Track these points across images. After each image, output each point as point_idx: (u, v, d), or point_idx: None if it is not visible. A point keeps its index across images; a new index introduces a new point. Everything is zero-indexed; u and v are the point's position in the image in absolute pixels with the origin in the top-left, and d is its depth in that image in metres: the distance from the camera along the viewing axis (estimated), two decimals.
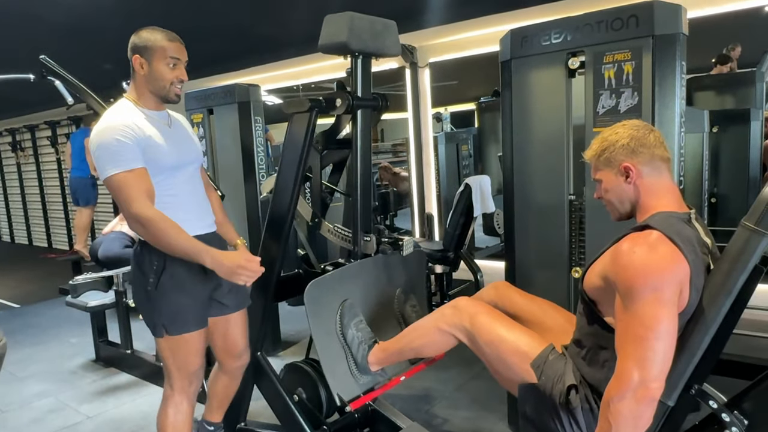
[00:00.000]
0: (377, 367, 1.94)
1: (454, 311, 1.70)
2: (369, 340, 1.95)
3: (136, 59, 1.72)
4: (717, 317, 1.30)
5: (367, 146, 2.12)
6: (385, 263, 2.17)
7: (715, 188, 4.25)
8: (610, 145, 1.47)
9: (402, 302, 2.19)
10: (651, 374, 1.24)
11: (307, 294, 1.89)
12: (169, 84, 1.74)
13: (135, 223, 1.64)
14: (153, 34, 1.72)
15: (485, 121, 6.28)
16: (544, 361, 1.54)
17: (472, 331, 1.63)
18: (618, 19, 1.89)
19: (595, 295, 1.48)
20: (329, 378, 1.92)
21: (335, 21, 1.90)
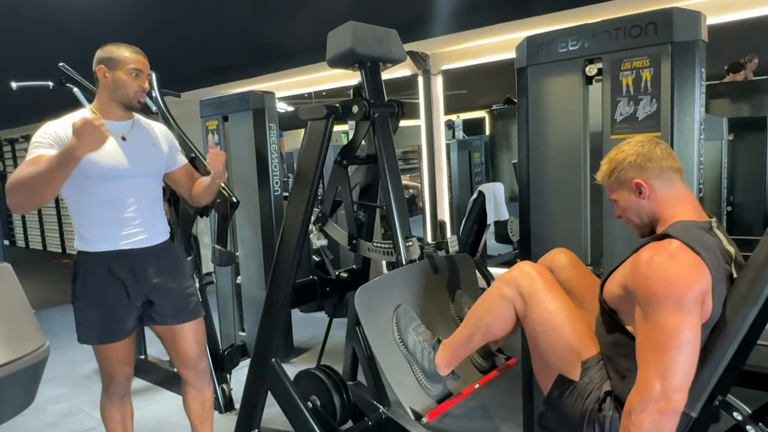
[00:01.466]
0: (447, 369, 1.79)
1: (516, 274, 1.62)
2: (432, 341, 1.81)
3: (100, 69, 1.82)
4: (741, 327, 1.28)
5: (391, 153, 2.10)
6: (432, 267, 2.09)
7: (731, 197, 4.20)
8: (617, 165, 1.48)
9: (461, 307, 2.08)
10: (673, 385, 1.22)
11: (358, 300, 1.80)
12: (132, 92, 1.84)
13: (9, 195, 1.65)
14: (117, 46, 1.83)
15: (497, 128, 6.27)
16: (595, 364, 1.49)
17: (529, 301, 1.57)
18: (636, 26, 1.88)
19: (615, 304, 1.46)
20: (398, 391, 1.78)
21: (339, 33, 1.94)
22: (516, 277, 1.62)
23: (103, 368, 1.98)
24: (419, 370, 1.83)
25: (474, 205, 3.49)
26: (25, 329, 1.29)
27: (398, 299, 1.92)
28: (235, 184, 3.34)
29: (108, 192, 1.83)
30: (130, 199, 1.88)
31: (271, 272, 2.14)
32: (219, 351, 2.93)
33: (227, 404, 2.85)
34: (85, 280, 1.85)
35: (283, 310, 2.15)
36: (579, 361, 1.49)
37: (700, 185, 1.94)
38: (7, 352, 1.17)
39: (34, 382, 1.16)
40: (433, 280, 2.09)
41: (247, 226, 3.33)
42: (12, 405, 1.36)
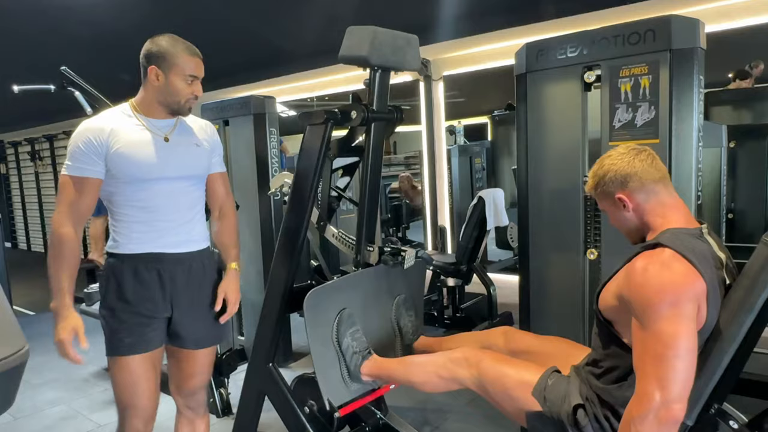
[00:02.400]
0: (369, 378, 1.99)
1: (459, 362, 1.71)
2: (363, 351, 1.99)
3: (152, 70, 1.64)
4: (737, 335, 1.27)
5: (378, 158, 2.13)
6: (386, 273, 2.17)
7: (733, 204, 4.19)
8: (600, 180, 1.48)
9: (400, 313, 2.21)
10: (672, 394, 1.21)
11: (307, 302, 1.92)
12: (184, 100, 1.68)
13: (50, 226, 1.63)
14: (174, 45, 1.64)
15: (498, 134, 6.28)
16: (544, 386, 1.53)
17: (479, 377, 1.65)
18: (635, 33, 1.89)
19: (610, 315, 1.45)
20: (321, 382, 1.96)
21: (357, 34, 1.89)
22: (459, 365, 1.71)
23: (124, 393, 1.72)
24: (345, 369, 2.01)
25: (474, 210, 3.48)
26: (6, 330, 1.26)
27: (345, 303, 2.04)
28: (235, 188, 3.35)
29: (145, 195, 1.68)
30: (169, 202, 1.72)
31: (269, 276, 2.14)
32: (217, 355, 2.93)
33: (225, 408, 2.84)
34: (119, 281, 1.67)
35: (281, 314, 2.14)
36: (529, 393, 1.54)
37: (698, 192, 1.94)
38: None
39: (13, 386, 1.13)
40: (383, 288, 2.19)
41: (247, 230, 3.33)
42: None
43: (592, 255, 2.13)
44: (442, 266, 3.69)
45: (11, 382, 1.10)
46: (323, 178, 2.23)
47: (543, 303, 2.27)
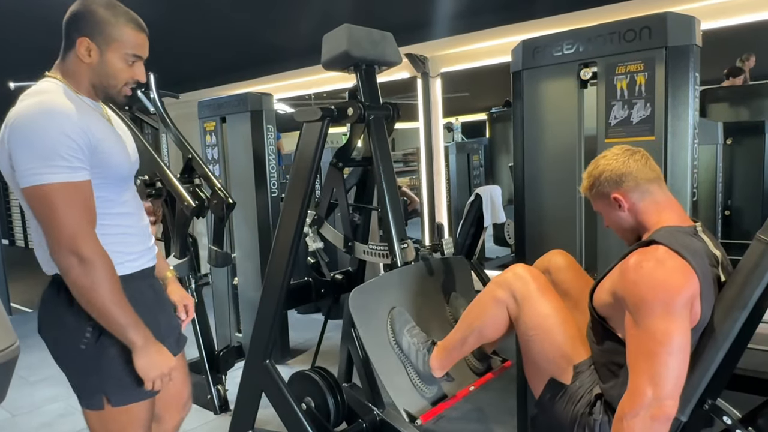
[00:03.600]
0: (441, 371, 1.78)
1: (510, 277, 1.62)
2: (427, 344, 1.80)
3: (82, 42, 1.27)
4: (731, 331, 1.28)
5: (386, 155, 2.11)
6: (427, 269, 2.08)
7: (729, 201, 4.21)
8: (595, 180, 1.49)
9: (457, 309, 2.08)
10: (665, 391, 1.22)
11: (353, 302, 1.79)
12: (122, 84, 1.34)
13: (69, 258, 1.19)
14: (115, 14, 1.28)
15: (496, 131, 6.28)
16: (586, 368, 1.50)
17: (522, 305, 1.56)
18: (631, 31, 1.89)
19: (604, 311, 1.46)
20: (392, 393, 1.78)
21: (334, 35, 1.93)
22: (509, 280, 1.62)
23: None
24: (413, 372, 1.83)
25: (471, 207, 3.49)
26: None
27: (393, 301, 1.92)
28: (232, 185, 3.35)
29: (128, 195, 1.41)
30: (140, 202, 1.47)
31: (266, 273, 2.15)
32: (214, 352, 2.93)
33: (222, 405, 2.85)
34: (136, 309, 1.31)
35: (278, 311, 2.14)
36: (570, 366, 1.50)
37: (693, 189, 1.94)
38: None
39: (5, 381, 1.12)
40: (428, 283, 2.08)
41: (245, 227, 3.33)
42: None
43: None
44: None
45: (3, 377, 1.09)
46: (339, 197, 2.20)
47: None
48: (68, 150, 1.19)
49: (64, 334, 1.30)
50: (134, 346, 1.28)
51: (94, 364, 1.30)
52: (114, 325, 1.25)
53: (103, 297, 1.21)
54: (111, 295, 1.22)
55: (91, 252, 1.20)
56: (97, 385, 1.31)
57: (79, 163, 1.21)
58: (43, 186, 1.17)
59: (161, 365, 1.31)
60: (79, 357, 1.30)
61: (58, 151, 1.17)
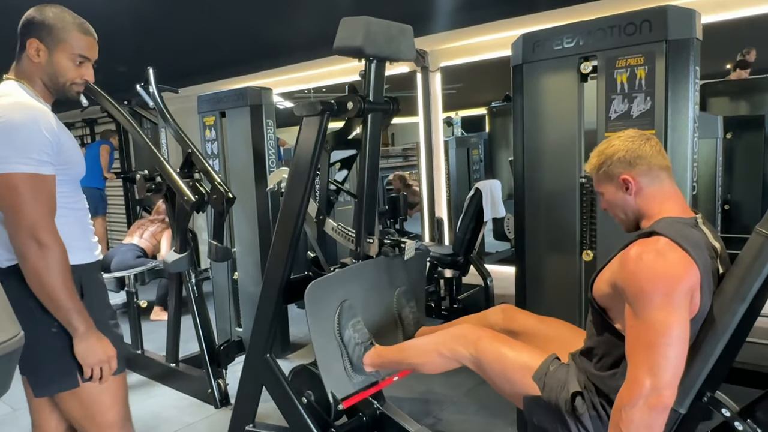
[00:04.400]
0: (371, 369, 1.99)
1: (458, 338, 1.71)
2: (366, 342, 1.99)
3: (32, 43, 1.39)
4: (730, 324, 1.28)
5: (375, 150, 2.12)
6: (386, 265, 2.18)
7: (729, 195, 4.21)
8: (606, 159, 1.47)
9: (401, 304, 2.22)
10: (663, 381, 1.23)
11: (308, 294, 1.92)
12: (70, 82, 1.44)
13: (28, 242, 1.28)
14: (62, 18, 1.41)
15: (496, 125, 6.28)
16: (545, 372, 1.54)
17: (477, 356, 1.64)
18: (631, 24, 1.88)
19: (604, 302, 1.47)
20: (324, 375, 1.97)
21: (351, 25, 1.89)
22: (458, 341, 1.70)
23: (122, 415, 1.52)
24: (348, 361, 2.01)
25: (471, 202, 3.49)
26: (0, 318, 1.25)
27: (345, 294, 2.05)
28: (232, 180, 3.35)
29: (79, 192, 1.52)
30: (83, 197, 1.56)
31: (266, 267, 2.15)
32: (215, 346, 2.94)
33: (223, 399, 2.86)
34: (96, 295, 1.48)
35: (278, 305, 2.15)
36: (530, 378, 1.55)
37: (693, 182, 1.95)
38: None
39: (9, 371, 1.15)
40: (383, 279, 2.20)
41: (244, 222, 3.33)
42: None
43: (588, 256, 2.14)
44: (440, 257, 3.70)
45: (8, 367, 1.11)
46: (321, 172, 2.24)
47: (539, 293, 2.29)
48: (41, 146, 1.30)
49: (35, 321, 1.35)
50: (76, 332, 1.36)
51: (64, 345, 1.37)
52: (61, 309, 1.34)
53: (55, 281, 1.31)
54: (63, 280, 1.32)
55: (50, 239, 1.30)
56: (69, 363, 1.39)
57: (48, 158, 1.32)
58: (12, 174, 1.27)
59: (100, 353, 1.39)
60: (50, 341, 1.37)
61: (33, 145, 1.29)
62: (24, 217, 1.28)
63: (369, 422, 2.31)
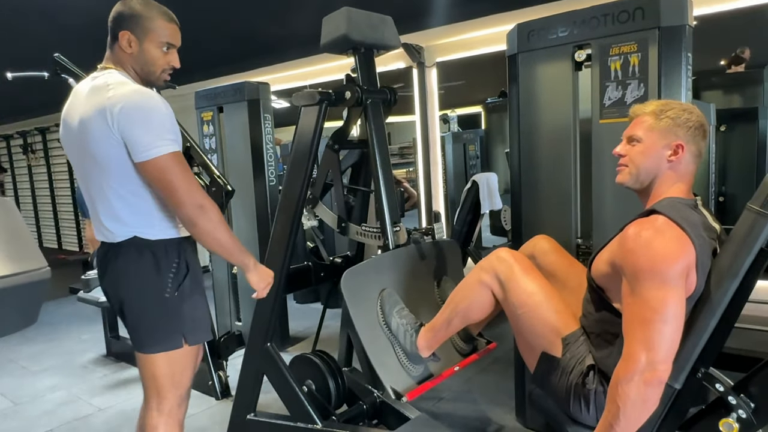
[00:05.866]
0: (428, 351, 1.84)
1: (494, 260, 1.66)
2: (415, 325, 1.87)
3: (123, 35, 1.49)
4: (723, 299, 1.31)
5: (382, 139, 2.13)
6: (419, 252, 2.13)
7: (724, 187, 4.24)
8: (678, 118, 1.42)
9: (444, 289, 2.14)
10: (658, 356, 1.25)
11: (345, 283, 1.85)
12: (161, 70, 1.56)
13: (195, 210, 1.45)
14: (149, 9, 1.51)
15: (492, 121, 6.31)
16: (575, 340, 1.53)
17: (507, 285, 1.60)
18: (624, 12, 1.91)
19: (603, 282, 1.49)
20: (380, 371, 1.85)
21: (333, 18, 1.94)
22: (493, 263, 1.66)
23: (184, 380, 1.64)
24: (401, 352, 1.89)
25: (468, 194, 3.51)
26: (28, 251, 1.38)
27: (384, 283, 1.97)
28: (230, 174, 3.37)
29: None
30: None
31: (266, 256, 2.17)
32: (215, 338, 2.96)
33: (223, 391, 2.88)
34: (194, 268, 1.61)
35: (278, 294, 2.16)
36: (559, 339, 1.53)
37: None
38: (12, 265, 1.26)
39: (38, 300, 1.22)
40: (419, 265, 2.13)
41: (243, 216, 3.35)
42: (16, 319, 1.44)
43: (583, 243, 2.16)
44: None
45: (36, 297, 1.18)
46: (334, 178, 2.23)
47: None
48: (171, 126, 1.45)
49: (150, 287, 1.53)
50: (247, 266, 1.63)
51: (176, 310, 1.56)
52: (233, 254, 1.57)
53: (223, 234, 1.51)
54: (227, 232, 1.53)
55: (207, 202, 1.48)
56: (177, 327, 1.57)
57: (176, 136, 1.46)
58: (160, 158, 1.41)
59: (268, 277, 1.70)
60: (163, 304, 1.54)
61: (166, 127, 1.43)
62: (183, 192, 1.43)
63: (369, 410, 2.33)
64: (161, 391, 1.61)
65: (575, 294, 1.64)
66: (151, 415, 1.62)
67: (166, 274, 1.54)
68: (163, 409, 1.62)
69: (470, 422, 2.49)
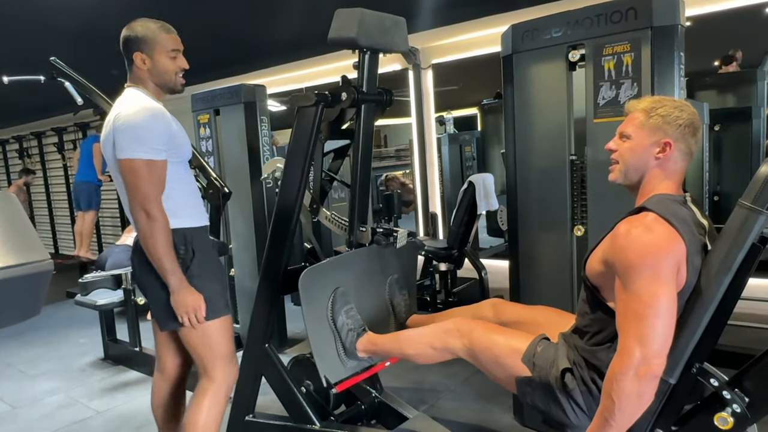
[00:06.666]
0: (364, 355, 2.02)
1: (451, 332, 1.74)
2: (358, 328, 2.03)
3: (137, 56, 1.75)
4: (716, 295, 1.32)
5: (368, 140, 2.15)
6: (378, 253, 2.21)
7: (718, 186, 4.27)
8: (669, 116, 1.42)
9: (393, 291, 2.25)
10: (652, 351, 1.26)
11: (302, 281, 1.95)
12: (174, 75, 1.79)
13: (142, 217, 1.66)
14: (149, 27, 1.75)
15: (488, 123, 6.32)
16: (533, 353, 1.58)
17: (471, 346, 1.68)
18: (617, 12, 1.93)
19: (597, 280, 1.50)
20: (318, 360, 2.00)
21: (345, 16, 1.93)
22: (450, 335, 1.73)
23: (226, 349, 1.89)
24: (341, 347, 2.05)
25: (464, 195, 3.52)
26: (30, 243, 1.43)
27: (339, 282, 2.07)
28: (227, 177, 3.37)
29: (189, 171, 1.87)
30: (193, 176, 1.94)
31: (263, 258, 2.18)
32: None
33: None
34: (200, 255, 1.80)
35: (276, 295, 2.18)
36: (519, 360, 1.58)
37: None
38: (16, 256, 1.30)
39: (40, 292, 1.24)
40: (376, 267, 2.23)
41: (240, 218, 3.36)
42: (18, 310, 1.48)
43: (579, 231, 2.18)
44: (434, 251, 3.74)
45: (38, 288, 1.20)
46: (315, 161, 2.26)
47: (533, 281, 2.32)
48: (157, 137, 1.65)
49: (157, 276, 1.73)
50: (170, 286, 1.71)
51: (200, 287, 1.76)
52: (162, 268, 1.69)
53: (157, 245, 1.66)
54: (162, 246, 1.67)
55: (156, 212, 1.65)
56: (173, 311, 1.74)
57: (162, 146, 1.67)
58: (134, 159, 1.63)
59: (188, 303, 1.72)
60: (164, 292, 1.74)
61: (150, 138, 1.64)
62: (139, 193, 1.64)
63: (367, 410, 2.34)
64: (207, 362, 1.85)
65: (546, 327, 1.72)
66: (201, 384, 1.88)
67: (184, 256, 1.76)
68: (213, 376, 1.86)
69: (468, 421, 2.50)
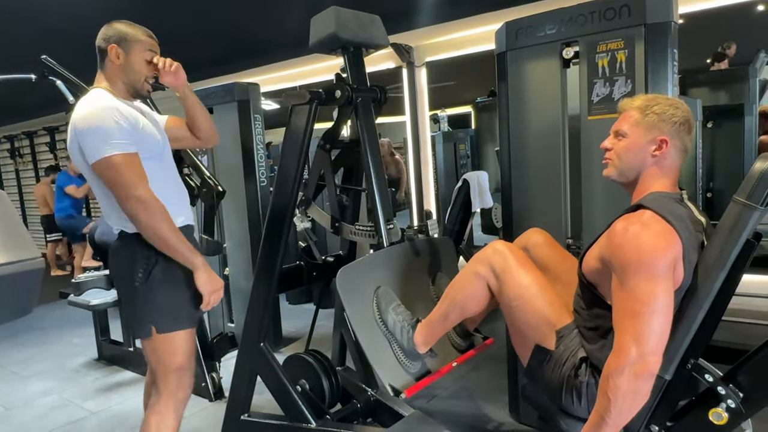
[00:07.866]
0: (425, 347, 1.83)
1: (489, 253, 1.66)
2: (411, 321, 1.85)
3: (112, 49, 1.68)
4: (711, 291, 1.33)
5: (373, 137, 2.13)
6: (413, 249, 2.12)
7: (711, 183, 4.29)
8: (663, 113, 1.43)
9: (440, 286, 2.11)
10: (648, 348, 1.27)
11: (340, 281, 1.83)
12: (143, 79, 1.73)
13: (137, 205, 1.56)
14: (131, 26, 1.72)
15: (482, 120, 6.34)
16: (569, 333, 1.54)
17: (502, 277, 1.60)
18: (610, 9, 1.93)
19: (593, 278, 1.50)
20: (377, 369, 1.82)
21: (321, 18, 1.95)
22: (488, 256, 1.66)
23: (173, 366, 1.72)
24: (398, 349, 1.87)
25: (459, 193, 3.52)
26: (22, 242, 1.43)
27: (378, 280, 1.94)
28: (221, 175, 3.35)
29: (164, 167, 1.76)
30: (176, 173, 1.84)
31: (258, 256, 2.17)
32: (208, 340, 2.95)
33: (217, 392, 2.87)
34: (166, 261, 1.65)
35: (271, 293, 2.17)
36: (553, 331, 1.54)
37: None
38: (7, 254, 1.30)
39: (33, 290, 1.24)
40: (413, 262, 2.12)
41: (234, 217, 3.34)
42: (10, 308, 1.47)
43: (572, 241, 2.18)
44: None
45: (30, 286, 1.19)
46: (327, 178, 2.21)
47: None
48: (119, 132, 1.57)
49: (124, 275, 1.68)
50: (195, 267, 1.66)
51: (143, 299, 1.67)
52: (177, 252, 1.63)
53: (160, 228, 1.59)
54: (170, 227, 1.61)
55: (149, 197, 1.57)
56: (145, 316, 1.68)
57: (128, 139, 1.59)
58: (107, 158, 1.55)
59: (217, 283, 1.71)
60: (133, 293, 1.68)
61: (113, 134, 1.56)
62: (122, 184, 1.56)
63: (363, 408, 2.33)
64: (156, 376, 1.75)
65: (568, 288, 1.65)
66: (152, 397, 1.79)
67: (139, 265, 1.66)
68: (160, 391, 1.75)
69: (464, 419, 2.50)
